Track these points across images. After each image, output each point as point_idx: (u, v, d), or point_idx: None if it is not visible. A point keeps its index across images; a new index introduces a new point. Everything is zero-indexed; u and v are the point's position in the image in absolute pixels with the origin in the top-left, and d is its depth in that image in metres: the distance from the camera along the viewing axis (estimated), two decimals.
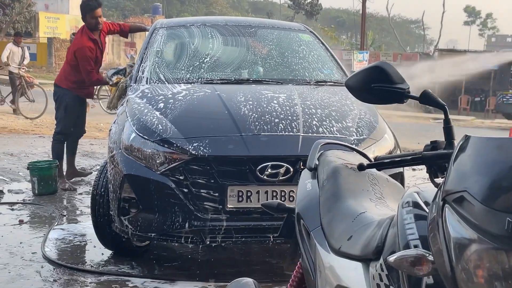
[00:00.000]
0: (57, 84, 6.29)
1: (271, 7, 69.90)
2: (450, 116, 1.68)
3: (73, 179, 6.45)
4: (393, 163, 1.76)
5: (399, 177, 3.69)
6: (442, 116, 1.66)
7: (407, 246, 1.36)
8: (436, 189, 1.34)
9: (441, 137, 1.75)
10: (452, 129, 1.64)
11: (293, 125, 3.73)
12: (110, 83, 5.04)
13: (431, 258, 1.23)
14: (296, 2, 42.45)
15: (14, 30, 35.82)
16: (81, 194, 6.03)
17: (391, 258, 1.28)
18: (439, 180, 1.54)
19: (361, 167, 1.90)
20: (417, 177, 7.33)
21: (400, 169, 3.79)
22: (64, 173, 6.35)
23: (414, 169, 8.14)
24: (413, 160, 1.68)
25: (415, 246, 1.33)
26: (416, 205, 1.45)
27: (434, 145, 1.64)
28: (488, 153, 1.14)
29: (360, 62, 24.70)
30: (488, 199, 1.07)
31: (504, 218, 1.05)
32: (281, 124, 3.72)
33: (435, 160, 1.58)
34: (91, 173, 6.68)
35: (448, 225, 1.14)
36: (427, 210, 1.38)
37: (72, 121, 6.21)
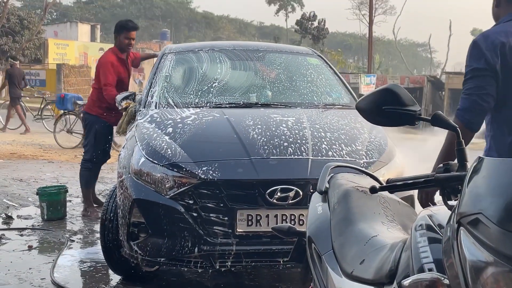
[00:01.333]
0: (86, 111, 6.27)
1: (278, 32, 70.40)
2: None
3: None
4: (405, 186, 1.75)
5: (410, 200, 3.66)
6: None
7: (421, 270, 1.34)
8: (449, 212, 1.33)
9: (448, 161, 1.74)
10: (464, 151, 1.63)
11: (302, 149, 3.72)
12: (119, 108, 5.06)
13: (446, 281, 1.21)
14: (303, 27, 42.72)
15: (24, 57, 36.27)
16: (90, 219, 6.02)
17: (406, 282, 1.26)
18: (452, 202, 1.53)
19: (373, 190, 1.89)
20: None
21: (411, 192, 3.77)
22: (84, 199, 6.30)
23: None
24: (426, 182, 1.67)
25: (430, 270, 1.32)
26: (429, 228, 1.44)
27: (446, 167, 1.63)
28: (502, 175, 1.13)
29: (368, 85, 24.73)
30: (503, 221, 1.06)
31: None
32: (290, 148, 3.72)
33: (448, 182, 1.57)
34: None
35: (463, 247, 1.13)
36: (441, 233, 1.36)
37: (101, 148, 6.12)
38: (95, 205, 6.29)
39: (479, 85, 2.55)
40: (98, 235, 4.70)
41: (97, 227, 5.50)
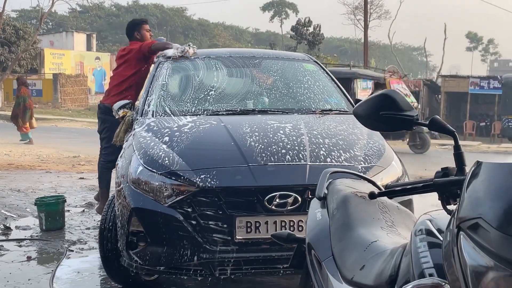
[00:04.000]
0: (108, 111, 5.82)
1: (274, 38, 70.50)
2: None
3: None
4: (404, 191, 1.75)
5: (409, 205, 3.66)
6: (448, 142, 1.66)
7: (421, 275, 1.34)
8: (448, 216, 1.33)
9: (448, 163, 1.74)
10: (462, 155, 1.63)
11: (300, 155, 3.72)
12: (116, 117, 5.05)
13: (447, 286, 1.21)
14: (298, 33, 42.76)
15: (20, 67, 36.27)
16: (88, 228, 6.01)
17: None
18: (451, 207, 1.53)
19: (372, 196, 1.89)
20: (424, 204, 7.27)
21: (410, 197, 3.77)
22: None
23: (421, 196, 8.08)
24: (425, 187, 1.67)
25: (430, 275, 1.32)
26: (429, 232, 1.44)
27: (445, 171, 1.63)
28: (501, 179, 1.13)
29: (364, 90, 24.76)
30: (503, 225, 1.06)
31: None
32: (288, 155, 3.72)
33: (447, 187, 1.57)
34: None
35: (463, 252, 1.12)
36: (441, 238, 1.36)
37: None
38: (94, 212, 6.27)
39: None
40: (97, 244, 4.68)
41: (96, 236, 5.49)
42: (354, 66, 23.68)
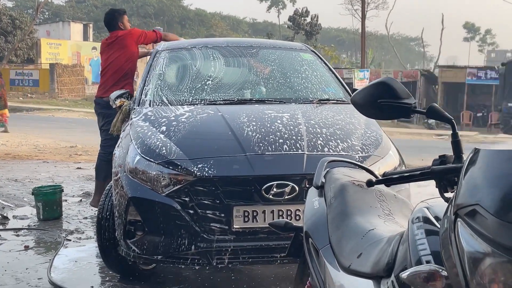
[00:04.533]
0: (105, 104, 5.86)
1: (271, 28, 70.35)
2: None
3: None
4: (401, 179, 1.75)
5: (406, 194, 3.67)
6: (445, 132, 1.66)
7: (419, 262, 1.34)
8: (446, 204, 1.33)
9: (444, 153, 1.74)
10: (460, 143, 1.63)
11: (298, 145, 3.72)
12: (114, 107, 5.04)
13: (444, 273, 1.22)
14: (296, 23, 42.67)
15: (16, 57, 36.15)
16: (86, 218, 6.02)
17: (404, 274, 1.26)
18: (449, 194, 1.53)
19: (370, 183, 1.90)
20: (422, 194, 7.29)
21: (406, 186, 3.78)
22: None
23: (419, 186, 8.10)
24: (422, 175, 1.67)
25: (428, 262, 1.32)
26: (426, 220, 1.44)
27: (442, 159, 1.63)
28: (499, 166, 1.13)
29: (361, 80, 24.78)
30: (501, 211, 1.06)
31: None
32: (285, 144, 3.72)
33: (445, 174, 1.57)
34: None
35: (461, 239, 1.13)
36: (438, 225, 1.37)
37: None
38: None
39: None
40: (94, 234, 4.69)
41: (93, 226, 5.50)
42: None
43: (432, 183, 1.63)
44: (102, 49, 6.37)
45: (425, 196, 1.68)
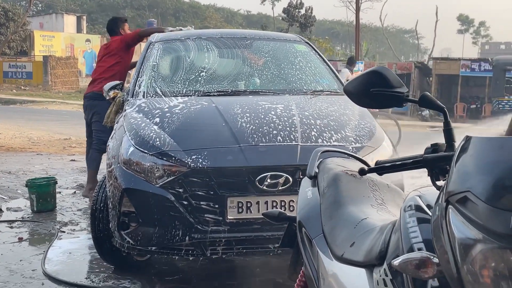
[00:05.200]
0: (96, 96, 6.18)
1: (265, 20, 70.13)
2: None
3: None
4: (394, 167, 1.76)
5: (399, 185, 3.68)
6: (439, 124, 1.66)
7: (411, 250, 1.35)
8: (438, 192, 1.34)
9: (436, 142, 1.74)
10: (452, 131, 1.64)
11: (292, 136, 3.73)
12: (107, 98, 5.03)
13: (436, 260, 1.22)
14: (290, 15, 42.60)
15: (9, 49, 35.96)
16: (80, 210, 6.01)
17: (396, 262, 1.27)
18: (440, 183, 1.54)
19: (362, 172, 1.90)
20: (416, 185, 7.31)
21: (400, 177, 3.79)
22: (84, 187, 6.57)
23: (412, 177, 8.13)
24: (414, 163, 1.67)
25: (419, 249, 1.33)
26: (418, 208, 1.45)
27: (434, 147, 1.63)
28: (490, 153, 1.14)
29: (356, 72, 24.75)
30: (492, 198, 1.07)
31: (509, 217, 1.04)
32: (279, 135, 3.72)
33: (436, 162, 1.58)
34: None
35: (452, 226, 1.14)
36: (430, 213, 1.37)
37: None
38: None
39: None
40: (88, 225, 4.69)
41: (87, 217, 5.49)
42: None
43: (425, 175, 1.64)
44: (99, 52, 6.88)
45: (419, 187, 1.68)
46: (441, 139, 1.68)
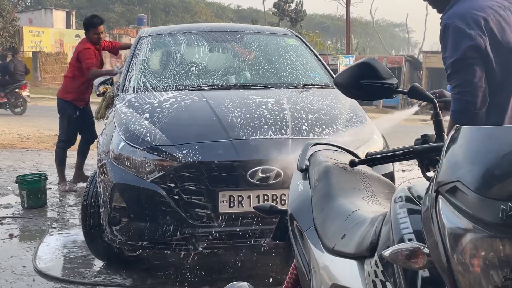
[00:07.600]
0: (59, 97, 6.76)
1: (256, 15, 70.00)
2: None
3: (79, 183, 6.70)
4: (384, 158, 1.76)
5: (389, 177, 3.69)
6: (429, 118, 1.66)
7: (401, 241, 1.35)
8: (428, 183, 1.34)
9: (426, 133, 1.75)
10: (441, 122, 1.64)
11: (283, 130, 3.73)
12: (97, 93, 5.01)
13: (426, 250, 1.23)
14: (281, 9, 42.54)
15: None
16: (71, 206, 5.99)
17: (386, 252, 1.27)
18: (430, 174, 1.54)
19: (353, 164, 1.90)
20: (407, 178, 7.34)
21: (391, 169, 3.80)
22: (71, 176, 6.96)
23: (403, 170, 8.16)
24: (404, 154, 1.68)
25: (410, 240, 1.33)
26: (408, 199, 1.45)
27: (424, 139, 1.64)
28: (479, 143, 1.14)
29: (346, 66, 24.78)
30: (481, 188, 1.07)
31: (498, 206, 1.05)
32: (270, 130, 3.72)
33: (426, 153, 1.58)
34: None
35: (442, 216, 1.14)
36: (420, 204, 1.38)
37: (74, 130, 6.74)
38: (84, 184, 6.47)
39: (468, 80, 2.26)
40: (79, 221, 4.66)
41: (78, 213, 5.47)
42: None
43: (416, 168, 1.64)
44: (75, 49, 7.00)
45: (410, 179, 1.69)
46: (432, 133, 1.69)
